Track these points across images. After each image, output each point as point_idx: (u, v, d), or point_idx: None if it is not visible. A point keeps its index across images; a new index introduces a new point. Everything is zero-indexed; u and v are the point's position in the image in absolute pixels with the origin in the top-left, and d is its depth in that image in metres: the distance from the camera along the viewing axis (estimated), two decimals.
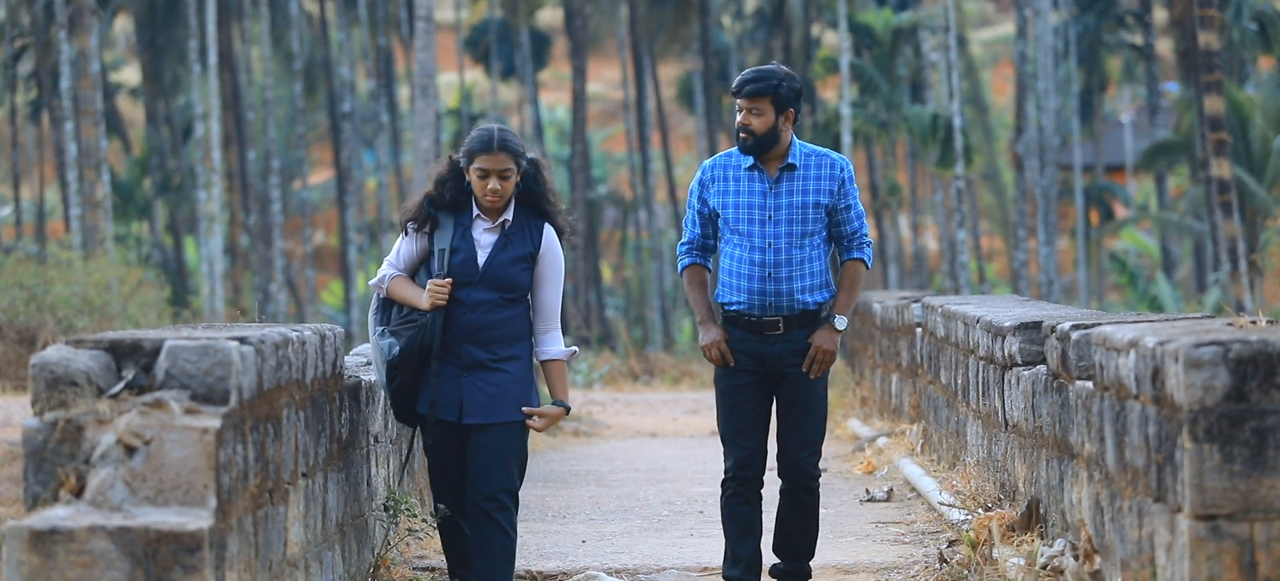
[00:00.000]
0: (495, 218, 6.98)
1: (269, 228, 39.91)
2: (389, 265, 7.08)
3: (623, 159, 56.24)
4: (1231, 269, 23.48)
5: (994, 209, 51.57)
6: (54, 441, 5.31)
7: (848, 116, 33.77)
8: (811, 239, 7.30)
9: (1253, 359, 5.33)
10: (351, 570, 7.51)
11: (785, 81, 7.26)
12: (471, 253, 6.94)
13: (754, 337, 7.33)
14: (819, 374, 7.33)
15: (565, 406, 7.09)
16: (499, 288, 6.93)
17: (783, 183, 7.30)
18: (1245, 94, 32.75)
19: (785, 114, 7.26)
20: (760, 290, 7.29)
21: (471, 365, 6.92)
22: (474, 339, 6.92)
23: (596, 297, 43.39)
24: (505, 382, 6.94)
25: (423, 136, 28.72)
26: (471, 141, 6.97)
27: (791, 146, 7.32)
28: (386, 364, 6.92)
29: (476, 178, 6.91)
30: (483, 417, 6.93)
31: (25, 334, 21.60)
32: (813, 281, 7.32)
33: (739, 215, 7.31)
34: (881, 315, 15.60)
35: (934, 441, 11.94)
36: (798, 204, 7.28)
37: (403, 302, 7.02)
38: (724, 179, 7.36)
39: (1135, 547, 5.92)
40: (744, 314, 7.33)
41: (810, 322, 7.34)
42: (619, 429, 17.88)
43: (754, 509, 7.44)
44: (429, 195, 7.01)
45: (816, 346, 7.30)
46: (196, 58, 37.69)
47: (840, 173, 7.32)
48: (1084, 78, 46.04)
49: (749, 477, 7.40)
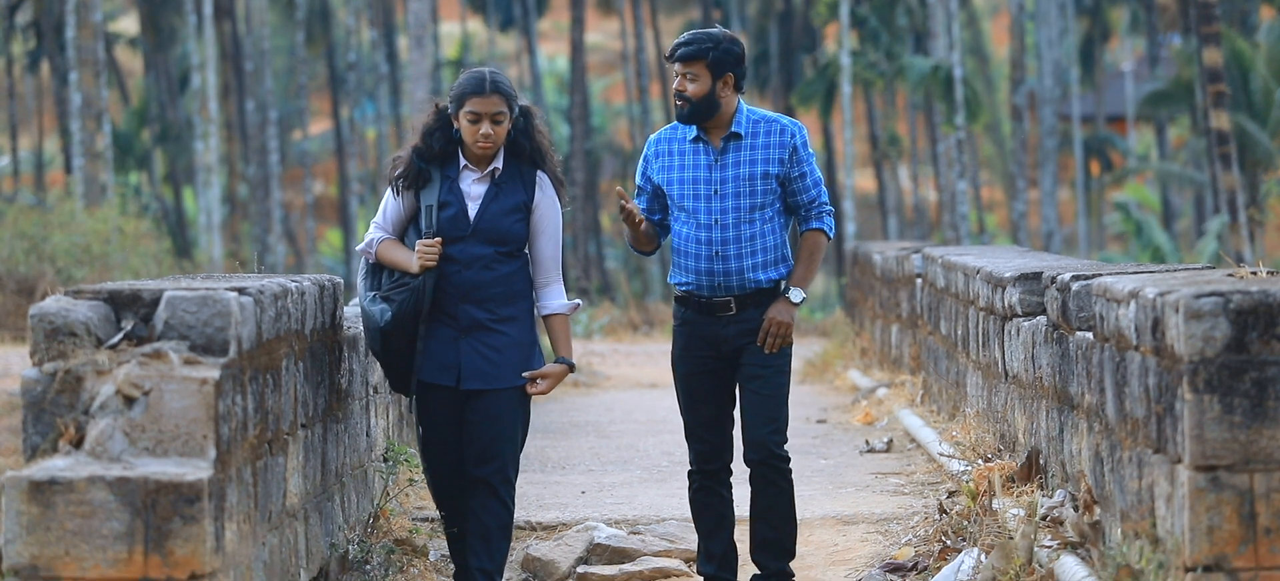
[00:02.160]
0: (484, 166, 6.61)
1: (267, 178, 39.88)
2: (376, 227, 6.70)
3: (622, 109, 56.14)
4: (1231, 220, 23.46)
5: (994, 159, 51.52)
6: (53, 392, 5.30)
7: (848, 66, 33.67)
8: (762, 212, 6.86)
9: (1253, 310, 5.33)
10: (351, 520, 7.52)
11: (722, 44, 6.79)
12: (462, 206, 6.58)
13: (706, 320, 6.89)
14: (774, 348, 6.86)
15: (569, 363, 6.75)
16: (493, 241, 6.57)
17: (728, 153, 6.85)
18: (1246, 43, 32.66)
19: (723, 79, 6.79)
20: (708, 269, 6.85)
21: (469, 327, 6.57)
22: (470, 297, 6.56)
23: (596, 248, 43.38)
24: (504, 345, 6.59)
25: (419, 87, 28.67)
26: (462, 84, 6.60)
27: (738, 114, 6.87)
28: (379, 331, 6.56)
29: (468, 122, 6.54)
30: (481, 383, 6.58)
31: (24, 284, 21.61)
32: (765, 257, 6.88)
33: (684, 191, 6.88)
34: (881, 266, 15.59)
35: (934, 392, 11.94)
36: (744, 175, 6.83)
37: (393, 267, 6.63)
38: (669, 153, 6.92)
39: (1135, 498, 5.92)
40: (694, 294, 6.91)
41: (765, 301, 6.90)
42: (619, 380, 17.90)
43: (723, 500, 7.03)
44: (417, 148, 6.62)
45: (770, 319, 6.84)
46: (193, 8, 37.59)
47: (790, 139, 6.86)
48: (1085, 28, 45.94)
49: (714, 470, 7.01)
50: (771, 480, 6.93)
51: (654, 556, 8.05)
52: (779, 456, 6.92)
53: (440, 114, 6.65)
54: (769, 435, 6.87)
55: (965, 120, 34.25)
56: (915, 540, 7.92)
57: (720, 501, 7.02)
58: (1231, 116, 24.18)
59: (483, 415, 6.59)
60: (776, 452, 6.91)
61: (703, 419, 6.96)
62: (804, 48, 44.20)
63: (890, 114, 45.35)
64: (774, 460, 6.91)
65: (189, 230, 45.29)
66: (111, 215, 24.79)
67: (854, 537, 8.39)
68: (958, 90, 33.78)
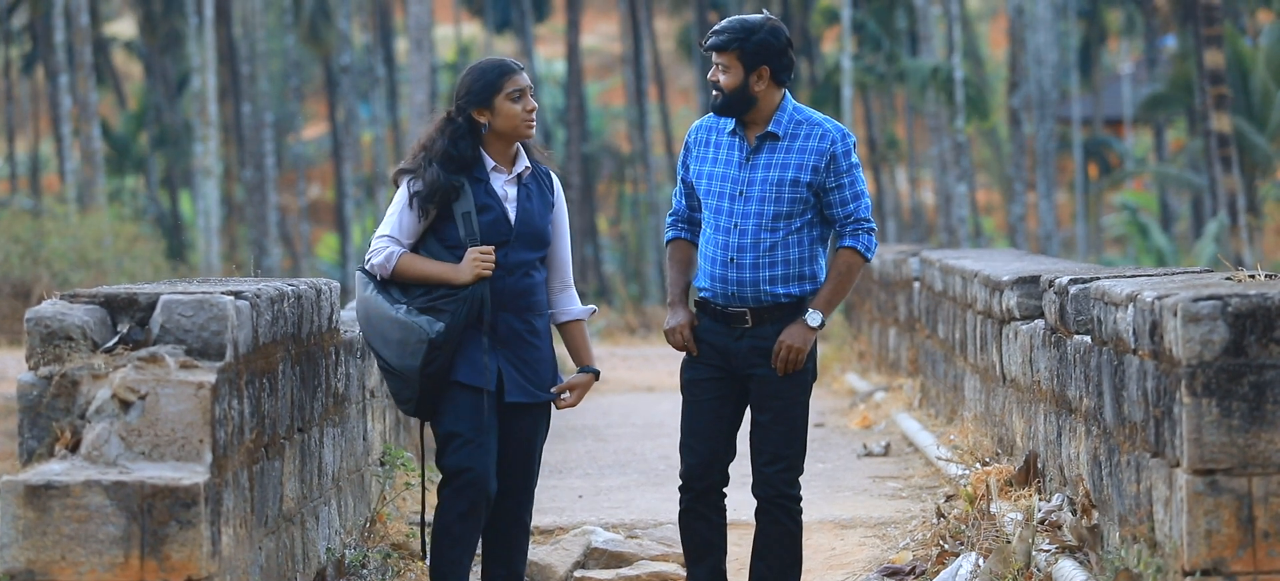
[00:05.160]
0: (512, 166, 6.26)
1: (263, 181, 39.87)
2: (389, 240, 6.21)
3: (620, 112, 56.16)
4: (1230, 223, 23.46)
5: (991, 162, 51.54)
6: (49, 396, 5.29)
7: (849, 69, 33.65)
8: (789, 221, 6.28)
9: (1251, 313, 5.32)
10: (348, 524, 7.51)
11: (758, 33, 6.22)
12: (501, 210, 6.21)
13: (721, 329, 6.36)
14: (786, 374, 6.29)
15: (595, 372, 6.42)
16: (531, 245, 6.24)
17: (761, 153, 6.29)
18: (1246, 45, 32.70)
19: (758, 71, 6.23)
20: (722, 276, 6.33)
21: (507, 339, 6.21)
22: (511, 307, 6.21)
23: (593, 252, 43.39)
24: (537, 359, 6.27)
25: (418, 90, 28.67)
26: (491, 70, 6.22)
27: (780, 111, 6.30)
28: (428, 343, 6.05)
29: (512, 104, 6.17)
30: (524, 396, 6.23)
31: (20, 288, 21.61)
32: (786, 271, 6.29)
33: (711, 187, 6.37)
34: (879, 269, 15.59)
35: (931, 396, 11.93)
36: (774, 179, 6.26)
37: (423, 281, 6.16)
38: (706, 144, 6.41)
39: (1133, 502, 5.91)
40: (710, 302, 6.39)
41: (784, 318, 6.31)
42: (616, 383, 17.89)
43: (711, 525, 6.43)
44: (443, 160, 6.17)
45: (781, 342, 6.26)
46: (194, 10, 37.59)
47: (830, 145, 6.26)
48: (1083, 30, 45.95)
49: (702, 490, 6.40)
50: (776, 519, 6.39)
51: (651, 560, 8.05)
52: (786, 495, 6.37)
53: (457, 119, 6.25)
54: (776, 474, 6.33)
55: (968, 120, 34.26)
56: (913, 544, 7.91)
57: (707, 526, 6.44)
58: (1231, 118, 24.18)
59: (521, 430, 6.28)
60: (784, 491, 6.36)
61: (697, 428, 6.41)
62: (801, 51, 44.23)
63: (888, 116, 45.35)
64: (781, 499, 6.36)
65: (186, 233, 45.29)
66: (104, 219, 24.79)
67: (852, 541, 8.38)
68: (958, 93, 33.79)
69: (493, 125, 6.22)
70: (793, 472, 6.36)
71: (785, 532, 6.38)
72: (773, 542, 6.39)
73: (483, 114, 6.22)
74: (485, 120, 6.23)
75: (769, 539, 6.40)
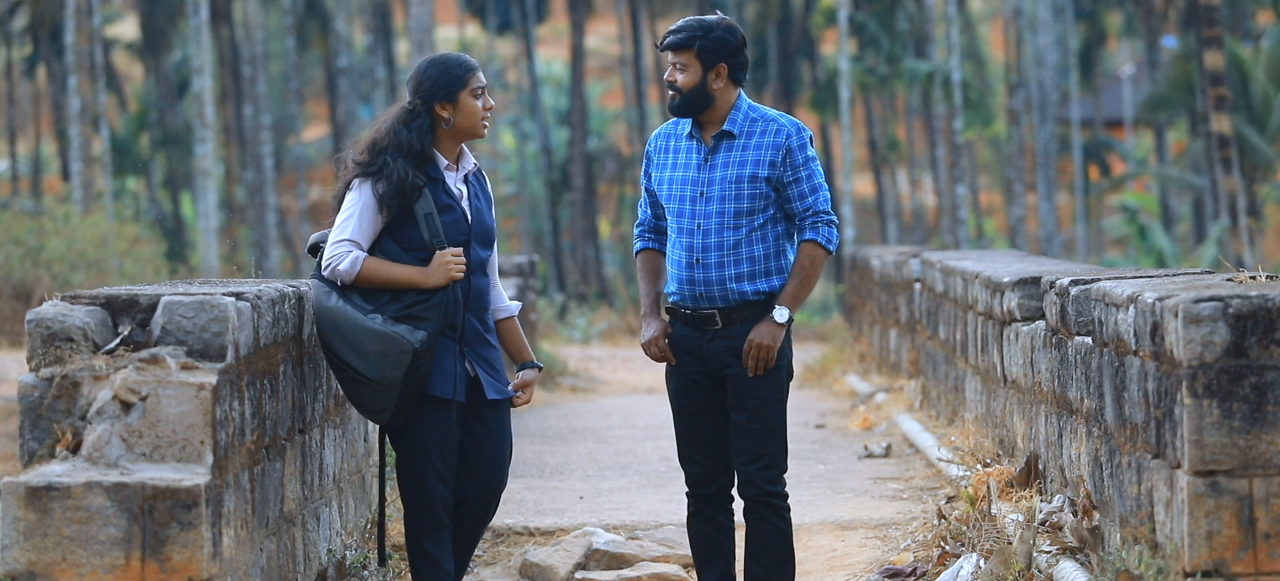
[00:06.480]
0: (460, 162, 6.16)
1: (263, 183, 39.87)
2: (349, 245, 6.01)
3: (619, 113, 56.15)
4: (1231, 224, 23.47)
5: (992, 164, 51.56)
6: (50, 397, 5.29)
7: (847, 71, 33.65)
8: (751, 218, 6.28)
9: (1252, 314, 5.32)
10: (349, 526, 7.51)
11: (715, 31, 6.25)
12: (460, 209, 6.13)
13: (694, 334, 6.35)
14: (758, 372, 6.27)
15: (538, 366, 6.41)
16: (485, 243, 6.17)
17: (718, 153, 6.30)
18: (1245, 48, 32.71)
19: (715, 70, 6.24)
20: (689, 279, 6.31)
21: (471, 339, 6.16)
22: (472, 306, 6.16)
23: (594, 253, 43.38)
24: (497, 357, 6.22)
25: None
26: (457, 65, 6.11)
27: (734, 110, 6.31)
28: (412, 353, 5.93)
29: (474, 100, 6.08)
30: (497, 393, 6.18)
31: (21, 289, 21.62)
32: (752, 268, 6.29)
33: (672, 191, 6.35)
34: (880, 270, 15.59)
35: (932, 397, 11.93)
36: (732, 177, 6.27)
37: (387, 285, 6.02)
38: (665, 150, 6.42)
39: (1134, 503, 5.91)
40: (680, 306, 6.38)
41: (753, 316, 6.30)
42: (616, 385, 17.89)
43: (719, 527, 6.46)
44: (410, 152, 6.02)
45: (750, 341, 6.24)
46: (192, 12, 37.58)
47: (785, 139, 6.26)
48: (1083, 32, 45.96)
49: (708, 495, 6.44)
50: (763, 518, 6.37)
51: (652, 561, 8.04)
52: (771, 493, 6.35)
53: (420, 112, 6.08)
54: (757, 472, 6.31)
55: (969, 126, 34.27)
56: (914, 545, 7.91)
57: (715, 529, 6.46)
58: (1232, 121, 24.20)
59: (496, 426, 6.24)
60: (768, 490, 6.34)
61: (692, 440, 6.43)
62: (802, 52, 44.23)
63: (889, 118, 45.35)
64: (767, 498, 6.35)
65: (187, 235, 45.29)
66: (105, 220, 24.81)
67: (853, 543, 8.38)
68: (957, 95, 33.79)
69: (454, 121, 6.10)
70: (774, 470, 6.35)
71: (775, 531, 6.39)
72: (764, 541, 6.39)
73: (446, 108, 6.10)
74: (448, 115, 6.10)
75: (759, 538, 6.40)
